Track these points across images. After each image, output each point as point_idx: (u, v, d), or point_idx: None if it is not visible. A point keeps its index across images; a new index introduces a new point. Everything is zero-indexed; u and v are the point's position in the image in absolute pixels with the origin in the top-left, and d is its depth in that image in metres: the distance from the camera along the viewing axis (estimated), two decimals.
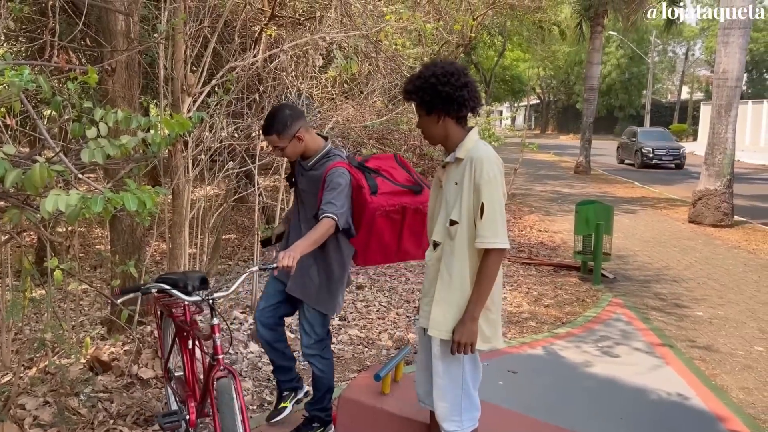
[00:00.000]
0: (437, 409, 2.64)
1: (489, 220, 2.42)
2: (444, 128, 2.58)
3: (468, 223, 2.49)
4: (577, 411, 4.03)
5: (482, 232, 2.43)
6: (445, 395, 2.60)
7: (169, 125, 2.41)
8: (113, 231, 5.08)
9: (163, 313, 3.47)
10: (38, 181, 2.37)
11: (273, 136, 3.13)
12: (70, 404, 3.49)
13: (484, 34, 20.66)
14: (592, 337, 5.43)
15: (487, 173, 2.44)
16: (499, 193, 2.45)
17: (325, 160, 3.25)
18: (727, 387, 4.46)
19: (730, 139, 11.15)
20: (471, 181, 2.47)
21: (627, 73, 49.18)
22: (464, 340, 2.46)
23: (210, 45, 4.56)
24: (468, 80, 2.53)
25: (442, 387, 2.60)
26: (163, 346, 3.53)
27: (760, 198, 15.31)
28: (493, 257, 2.45)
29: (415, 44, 9.43)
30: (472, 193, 2.47)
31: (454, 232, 2.52)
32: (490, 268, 2.46)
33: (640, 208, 13.48)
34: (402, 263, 8.03)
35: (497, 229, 2.42)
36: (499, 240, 2.43)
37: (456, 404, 2.60)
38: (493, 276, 2.48)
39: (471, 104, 2.54)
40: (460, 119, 2.58)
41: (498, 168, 2.49)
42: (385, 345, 5.16)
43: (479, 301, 2.48)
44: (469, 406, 2.63)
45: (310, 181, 3.27)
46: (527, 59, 35.86)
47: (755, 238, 10.25)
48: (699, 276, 7.66)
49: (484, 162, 2.46)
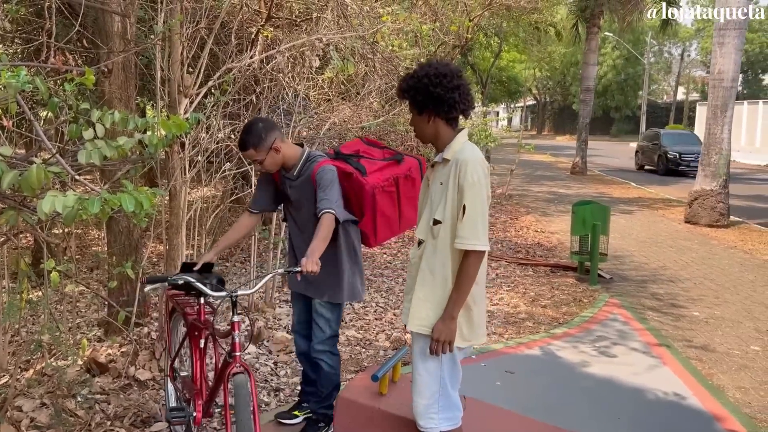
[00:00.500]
0: (415, 405, 2.68)
1: (469, 222, 2.47)
2: (434, 128, 2.62)
3: (451, 223, 2.53)
4: (575, 411, 4.04)
5: (462, 233, 2.48)
6: (423, 392, 2.64)
7: (166, 126, 2.41)
8: (110, 233, 5.07)
9: (173, 312, 3.48)
10: (35, 183, 2.36)
11: (250, 151, 3.17)
12: (67, 406, 3.49)
13: (481, 36, 20.68)
14: (589, 337, 5.44)
15: (471, 176, 2.48)
16: (481, 196, 2.50)
17: (309, 164, 3.31)
18: (724, 387, 4.47)
19: (726, 140, 11.18)
20: (455, 182, 2.51)
21: (623, 74, 49.28)
22: (442, 338, 2.51)
23: (206, 46, 4.56)
24: (460, 83, 2.55)
25: (420, 383, 2.64)
26: (171, 344, 3.52)
27: (756, 198, 15.35)
28: (473, 259, 2.49)
29: (411, 45, 9.44)
30: (456, 195, 2.51)
31: (437, 231, 2.57)
32: (470, 270, 2.50)
33: (636, 208, 13.50)
34: (400, 265, 8.03)
35: (477, 232, 2.47)
36: (479, 242, 2.48)
37: (433, 401, 2.63)
38: (472, 277, 2.52)
39: (461, 107, 2.57)
40: (450, 120, 2.61)
41: (482, 171, 2.52)
42: (383, 346, 5.16)
43: (458, 301, 2.52)
44: (447, 405, 2.65)
45: (301, 189, 3.31)
46: (523, 60, 35.90)
47: (751, 238, 10.28)
48: (695, 276, 7.68)
49: (468, 164, 2.50)
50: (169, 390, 3.59)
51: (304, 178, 3.27)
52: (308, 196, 3.26)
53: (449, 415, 2.65)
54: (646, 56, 44.07)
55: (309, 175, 3.24)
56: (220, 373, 2.82)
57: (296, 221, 3.42)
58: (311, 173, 3.23)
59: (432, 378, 2.61)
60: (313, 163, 3.27)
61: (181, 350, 3.44)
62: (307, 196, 3.26)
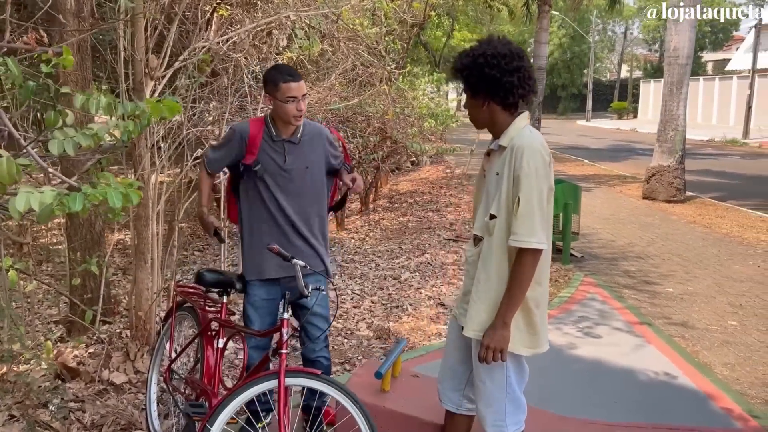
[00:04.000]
0: (479, 412, 2.51)
1: (525, 216, 2.23)
2: (489, 113, 2.39)
3: (506, 218, 2.30)
4: (570, 397, 3.97)
5: (516, 229, 2.24)
6: (490, 401, 2.46)
7: (157, 110, 2.16)
8: (71, 225, 4.75)
9: (183, 309, 3.31)
10: (5, 178, 2.09)
11: (303, 83, 2.99)
12: (40, 417, 3.21)
13: (434, 15, 20.52)
14: (571, 318, 5.40)
15: (528, 164, 2.23)
16: (540, 187, 2.25)
17: (306, 129, 3.14)
18: (710, 364, 4.48)
19: (682, 116, 11.35)
20: (511, 171, 2.28)
21: (569, 52, 49.93)
22: (493, 345, 2.29)
23: (173, 24, 4.25)
24: (521, 65, 2.30)
25: (486, 392, 2.46)
26: (173, 343, 3.30)
27: (704, 173, 15.69)
28: (528, 258, 2.26)
29: (371, 24, 9.19)
30: (511, 186, 2.27)
31: (493, 226, 2.34)
32: (524, 270, 2.27)
33: (594, 185, 13.65)
34: (370, 250, 7.87)
35: (534, 227, 2.23)
36: (535, 239, 2.23)
37: (500, 409, 2.46)
38: (527, 279, 2.28)
39: (521, 91, 2.33)
40: (507, 105, 2.36)
41: (542, 158, 2.27)
42: (365, 335, 5.00)
43: (511, 305, 2.30)
44: (514, 411, 2.49)
45: (306, 149, 3.11)
46: (474, 39, 35.91)
47: (707, 212, 10.49)
48: (662, 252, 7.77)
49: (525, 151, 2.25)
50: (151, 392, 3.36)
51: (310, 138, 3.11)
52: (316, 157, 3.12)
53: (516, 419, 2.49)
54: (591, 35, 44.73)
55: (318, 133, 3.14)
56: (257, 368, 2.78)
57: (283, 191, 3.07)
58: (320, 131, 3.16)
59: (497, 386, 2.43)
60: (312, 125, 3.18)
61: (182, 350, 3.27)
62: (315, 157, 3.12)
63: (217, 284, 3.11)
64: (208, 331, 3.08)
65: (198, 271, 3.12)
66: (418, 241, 8.20)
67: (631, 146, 23.84)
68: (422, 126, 9.14)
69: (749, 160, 18.56)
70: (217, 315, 3.06)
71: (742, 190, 12.86)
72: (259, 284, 3.12)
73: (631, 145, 24.21)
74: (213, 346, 3.04)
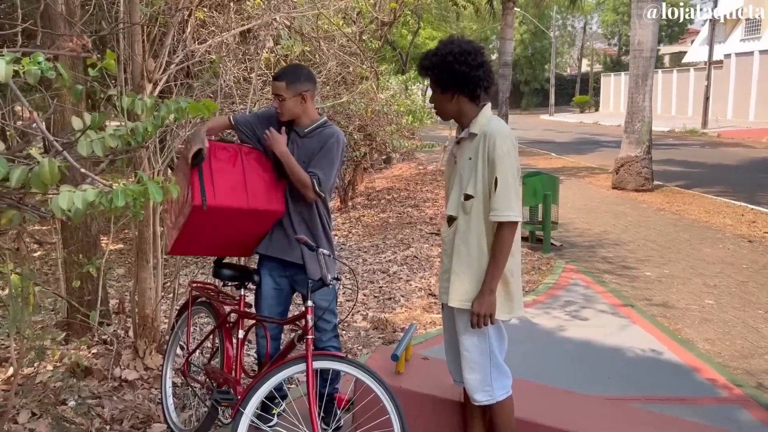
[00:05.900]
0: (467, 382, 2.69)
1: (502, 193, 2.48)
2: (457, 105, 2.63)
3: (483, 197, 2.54)
4: (564, 374, 4.18)
5: (496, 205, 2.50)
6: (474, 368, 2.66)
7: (195, 109, 2.28)
8: (66, 228, 4.79)
9: (197, 305, 3.41)
10: (48, 178, 2.19)
11: (282, 83, 3.07)
12: (64, 413, 3.28)
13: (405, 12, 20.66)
14: (558, 303, 5.63)
15: (501, 148, 2.49)
16: (512, 168, 2.52)
17: (322, 129, 3.20)
18: (693, 340, 4.75)
19: (648, 108, 11.75)
20: (485, 155, 2.52)
21: (530, 48, 50.69)
22: (483, 311, 2.53)
23: (171, 28, 4.33)
24: (484, 60, 2.56)
25: (471, 360, 2.66)
26: (189, 337, 3.41)
27: (668, 162, 16.19)
28: (507, 230, 2.52)
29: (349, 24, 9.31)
30: (487, 168, 2.52)
31: (470, 206, 2.57)
32: (505, 241, 2.52)
33: (564, 177, 13.95)
34: (355, 246, 8.01)
35: (511, 203, 2.48)
36: (513, 213, 2.49)
37: (486, 375, 2.66)
38: (507, 249, 2.54)
39: (485, 84, 2.59)
40: (474, 97, 2.62)
41: (511, 143, 2.54)
42: (362, 327, 5.15)
43: (495, 274, 2.54)
44: (498, 375, 2.69)
45: (305, 147, 3.17)
46: (438, 37, 36.20)
47: (675, 200, 10.89)
48: (636, 238, 8.08)
49: (497, 137, 2.51)
50: (166, 386, 3.46)
51: (314, 139, 3.17)
52: (309, 156, 3.16)
53: (502, 384, 2.69)
54: (552, 30, 45.49)
55: (324, 135, 3.16)
56: (285, 351, 3.00)
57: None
58: (328, 137, 3.14)
59: (481, 353, 2.63)
60: (326, 129, 3.18)
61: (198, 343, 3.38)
62: (308, 156, 3.16)
63: (234, 278, 3.26)
64: (226, 323, 3.21)
65: (215, 267, 3.24)
66: (401, 236, 8.38)
67: (596, 139, 24.39)
68: (400, 123, 9.31)
69: (709, 149, 19.19)
70: (236, 307, 3.19)
71: (705, 177, 13.35)
72: (268, 276, 3.25)
73: (596, 138, 24.77)
74: (231, 338, 3.17)
